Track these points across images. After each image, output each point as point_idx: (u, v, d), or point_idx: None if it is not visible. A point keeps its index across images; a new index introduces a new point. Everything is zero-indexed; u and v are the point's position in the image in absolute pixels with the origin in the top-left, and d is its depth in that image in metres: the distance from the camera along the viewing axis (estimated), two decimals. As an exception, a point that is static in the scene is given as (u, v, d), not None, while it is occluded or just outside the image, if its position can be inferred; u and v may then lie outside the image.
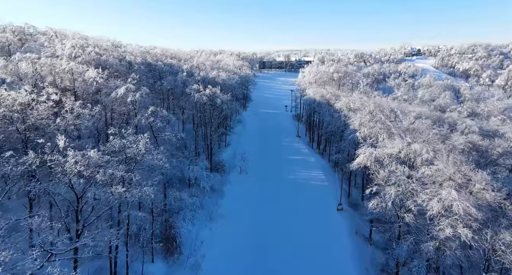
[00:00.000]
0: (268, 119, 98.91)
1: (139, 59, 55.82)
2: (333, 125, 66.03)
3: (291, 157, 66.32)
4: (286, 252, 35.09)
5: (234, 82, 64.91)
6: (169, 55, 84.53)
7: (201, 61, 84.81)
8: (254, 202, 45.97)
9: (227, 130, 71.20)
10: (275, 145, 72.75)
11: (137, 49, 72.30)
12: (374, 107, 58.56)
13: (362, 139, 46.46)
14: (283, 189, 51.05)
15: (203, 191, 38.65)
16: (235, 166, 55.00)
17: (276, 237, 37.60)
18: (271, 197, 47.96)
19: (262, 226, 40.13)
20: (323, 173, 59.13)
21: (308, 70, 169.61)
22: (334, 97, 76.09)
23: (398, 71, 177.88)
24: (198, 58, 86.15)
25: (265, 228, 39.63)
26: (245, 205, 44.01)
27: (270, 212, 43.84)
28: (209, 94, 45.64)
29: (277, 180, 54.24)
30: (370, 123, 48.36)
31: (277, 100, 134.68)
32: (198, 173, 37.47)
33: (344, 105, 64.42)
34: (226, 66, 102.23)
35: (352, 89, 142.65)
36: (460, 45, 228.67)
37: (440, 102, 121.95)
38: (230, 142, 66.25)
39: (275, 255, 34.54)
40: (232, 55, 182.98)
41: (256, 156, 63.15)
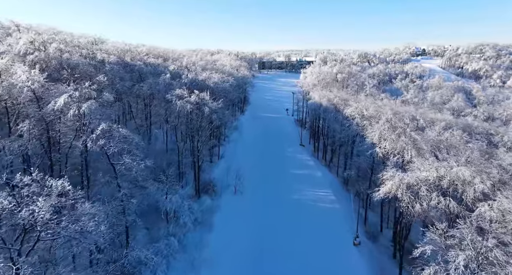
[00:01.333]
0: (268, 125, 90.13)
1: (112, 58, 46.89)
2: (342, 134, 57.36)
3: (294, 171, 57.56)
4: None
5: (228, 86, 56.24)
6: (156, 54, 75.62)
7: (193, 61, 76.30)
8: (249, 233, 37.17)
9: (221, 139, 62.54)
10: (276, 156, 63.99)
11: (117, 47, 63.32)
12: (392, 115, 49.91)
13: (384, 155, 37.70)
14: (285, 215, 42.27)
15: (184, 227, 30.00)
16: (228, 185, 46.26)
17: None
18: (270, 226, 39.18)
19: (260, 269, 31.45)
20: (332, 191, 50.36)
21: (310, 70, 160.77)
22: (343, 102, 67.40)
23: (405, 72, 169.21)
24: (189, 57, 77.52)
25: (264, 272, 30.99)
26: (238, 240, 35.20)
27: (270, 247, 35.10)
28: (196, 101, 36.95)
29: (278, 202, 45.44)
30: (393, 135, 39.59)
31: (277, 103, 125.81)
32: (177, 204, 28.89)
33: (356, 112, 55.69)
34: (222, 67, 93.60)
35: (357, 91, 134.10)
36: (467, 45, 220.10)
37: (453, 105, 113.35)
38: (224, 154, 57.54)
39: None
40: (230, 55, 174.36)
41: (254, 170, 54.42)
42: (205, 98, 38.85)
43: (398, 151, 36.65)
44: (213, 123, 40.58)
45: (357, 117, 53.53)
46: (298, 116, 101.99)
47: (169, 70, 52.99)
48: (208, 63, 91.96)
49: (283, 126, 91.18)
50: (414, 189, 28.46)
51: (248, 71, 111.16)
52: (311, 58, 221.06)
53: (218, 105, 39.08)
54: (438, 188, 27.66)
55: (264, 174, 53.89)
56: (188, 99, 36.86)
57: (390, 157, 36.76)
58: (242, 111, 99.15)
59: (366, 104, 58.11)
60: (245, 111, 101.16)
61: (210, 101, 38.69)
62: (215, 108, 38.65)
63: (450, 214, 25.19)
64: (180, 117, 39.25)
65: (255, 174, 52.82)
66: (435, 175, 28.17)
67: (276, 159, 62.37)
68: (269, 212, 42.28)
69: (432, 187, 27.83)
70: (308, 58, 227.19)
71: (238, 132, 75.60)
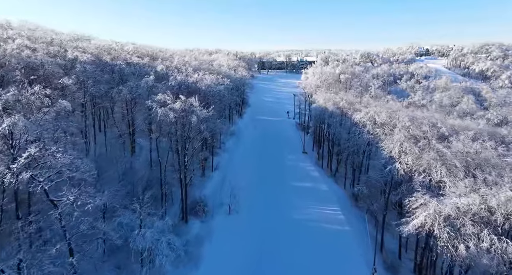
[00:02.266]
0: (268, 129, 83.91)
1: (86, 57, 40.32)
2: (351, 143, 51.16)
3: (297, 184, 51.37)
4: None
5: (222, 89, 49.94)
6: (144, 52, 69.14)
7: (185, 61, 69.99)
8: (245, 264, 31.03)
9: (216, 147, 56.35)
10: (277, 166, 57.79)
11: (100, 44, 56.83)
12: (409, 122, 43.77)
13: (406, 173, 31.49)
14: (287, 239, 36.14)
15: (160, 270, 23.74)
16: (222, 203, 40.10)
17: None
18: (270, 254, 33.06)
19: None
20: (340, 209, 44.16)
21: (311, 71, 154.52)
22: (349, 106, 61.29)
23: (410, 72, 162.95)
24: (182, 57, 70.89)
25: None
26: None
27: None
28: (182, 108, 30.68)
29: (279, 223, 39.24)
30: (415, 148, 33.39)
31: (277, 105, 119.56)
32: (153, 241, 22.64)
33: (367, 118, 49.55)
34: (218, 68, 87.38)
35: (361, 92, 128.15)
36: (472, 45, 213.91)
37: (463, 107, 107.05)
38: (218, 165, 51.32)
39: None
40: (228, 55, 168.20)
41: (252, 184, 48.31)
42: (194, 104, 32.65)
43: (424, 168, 30.44)
44: (203, 134, 34.36)
45: (368, 124, 47.36)
46: (300, 120, 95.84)
47: (156, 71, 46.83)
48: (203, 63, 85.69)
49: (284, 131, 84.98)
50: (454, 222, 22.26)
51: (246, 71, 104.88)
52: (312, 58, 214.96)
53: (208, 113, 32.82)
54: (487, 222, 21.46)
55: (263, 188, 47.72)
56: (172, 107, 30.68)
57: (414, 175, 30.60)
58: (240, 114, 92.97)
59: (378, 109, 51.96)
60: (243, 114, 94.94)
61: (199, 108, 32.44)
62: (205, 117, 32.43)
63: (511, 263, 18.99)
64: (163, 127, 33.10)
65: (253, 189, 46.70)
66: (481, 206, 21.95)
67: (277, 169, 56.16)
68: (268, 236, 36.10)
69: (478, 220, 21.64)
70: (309, 58, 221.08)
71: (235, 138, 69.36)
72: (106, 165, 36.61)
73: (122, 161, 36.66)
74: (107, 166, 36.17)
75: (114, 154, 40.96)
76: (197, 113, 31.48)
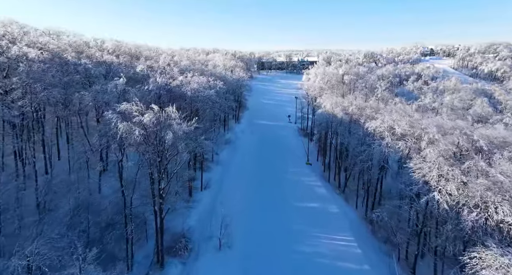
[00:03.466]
0: (268, 136, 76.34)
1: (33, 54, 32.14)
2: (365, 155, 43.53)
3: (301, 204, 43.80)
4: None
5: (213, 93, 41.98)
6: (125, 51, 61.13)
7: (175, 60, 62.20)
8: None
9: (207, 160, 48.72)
10: (277, 182, 50.18)
11: (68, 40, 48.82)
12: (438, 134, 36.17)
13: (451, 207, 23.83)
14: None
15: None
16: (211, 236, 32.44)
17: None
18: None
19: None
20: (354, 239, 36.52)
21: (313, 71, 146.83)
22: (361, 112, 53.73)
23: (416, 73, 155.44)
24: (169, 56, 62.86)
25: None
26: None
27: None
28: (153, 122, 22.88)
29: (280, 259, 31.67)
30: (456, 171, 25.73)
31: (278, 108, 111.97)
32: None
33: (383, 127, 41.92)
34: (213, 68, 79.73)
35: (366, 94, 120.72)
36: (479, 45, 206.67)
37: (477, 111, 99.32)
38: (209, 183, 43.66)
39: None
40: (226, 55, 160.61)
41: (248, 206, 40.80)
42: (172, 115, 24.97)
43: (476, 202, 22.80)
44: (183, 156, 26.56)
45: (387, 136, 39.68)
46: (302, 125, 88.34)
47: (135, 72, 39.22)
48: (196, 63, 77.91)
49: (285, 138, 77.41)
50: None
51: (244, 72, 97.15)
52: (314, 58, 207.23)
53: (189, 127, 25.12)
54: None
55: (261, 211, 40.09)
56: (139, 120, 23.01)
57: (463, 210, 22.97)
58: (237, 119, 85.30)
59: (395, 117, 44.31)
60: (240, 119, 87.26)
61: (179, 120, 24.62)
62: (185, 132, 24.67)
63: None
64: (127, 147, 25.50)
65: (249, 213, 39.11)
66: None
67: (278, 185, 48.54)
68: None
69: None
70: (310, 58, 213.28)
71: (231, 147, 61.66)
72: (63, 190, 29.08)
73: (83, 186, 29.07)
74: (63, 192, 28.65)
75: (80, 174, 33.37)
76: (174, 128, 23.80)
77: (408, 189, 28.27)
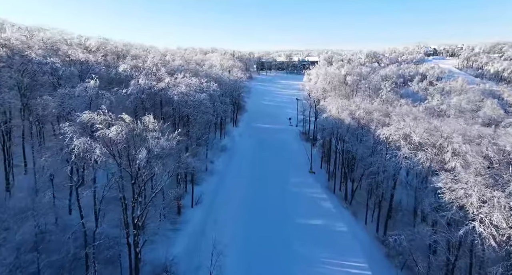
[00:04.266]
0: (267, 141, 71.43)
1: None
2: (376, 166, 38.62)
3: (304, 221, 38.91)
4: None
5: (204, 97, 36.61)
6: (110, 49, 55.81)
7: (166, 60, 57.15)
8: None
9: (199, 171, 43.75)
10: (278, 193, 45.34)
11: (41, 36, 43.43)
12: (466, 146, 31.29)
13: (499, 244, 18.91)
14: None
15: None
16: (199, 266, 27.52)
17: None
18: None
19: None
20: (368, 266, 31.70)
21: (315, 72, 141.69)
22: (369, 116, 48.90)
23: (420, 73, 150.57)
24: (159, 56, 57.70)
25: None
26: None
27: None
28: (123, 136, 17.88)
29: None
30: (496, 193, 20.80)
31: (278, 110, 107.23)
32: None
33: (398, 135, 36.98)
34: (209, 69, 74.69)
35: (370, 96, 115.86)
36: (483, 44, 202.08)
37: (487, 113, 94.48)
38: (201, 198, 38.70)
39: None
40: (225, 54, 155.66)
41: (245, 226, 35.88)
42: (150, 126, 19.98)
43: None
44: (161, 180, 21.46)
45: (404, 146, 34.73)
46: (304, 128, 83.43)
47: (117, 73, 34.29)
48: (191, 63, 72.78)
49: (286, 143, 72.51)
50: None
51: (243, 73, 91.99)
52: (314, 58, 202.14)
53: (170, 142, 20.08)
54: None
55: (259, 231, 35.17)
56: (102, 134, 18.02)
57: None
58: (235, 122, 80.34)
59: (410, 123, 39.34)
60: (238, 122, 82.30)
61: (155, 134, 19.69)
62: (165, 148, 19.70)
63: None
64: (86, 170, 20.58)
65: (245, 234, 34.22)
66: None
67: (278, 199, 43.64)
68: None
69: None
70: (311, 58, 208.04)
71: (227, 155, 56.71)
72: (21, 215, 24.12)
73: (49, 208, 24.21)
74: (21, 218, 23.73)
75: (49, 192, 28.39)
76: (150, 144, 18.84)
77: (437, 215, 23.30)
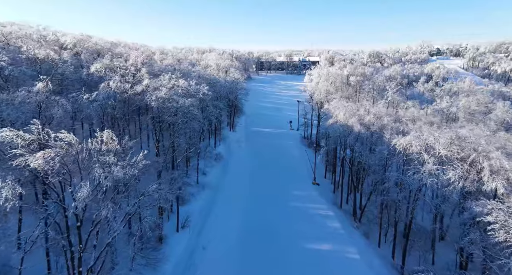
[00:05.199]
0: (266, 147, 65.98)
1: None
2: (392, 183, 33.09)
3: (309, 245, 33.43)
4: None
5: (190, 103, 30.36)
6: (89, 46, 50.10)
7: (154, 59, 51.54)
8: None
9: (188, 184, 38.23)
10: (278, 210, 39.90)
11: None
12: (505, 160, 25.87)
13: None
14: None
15: None
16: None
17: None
18: None
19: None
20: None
21: (316, 72, 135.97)
22: (378, 122, 43.42)
23: (426, 73, 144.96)
24: (143, 55, 51.76)
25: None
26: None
27: None
28: (50, 167, 12.13)
29: None
30: None
31: (278, 112, 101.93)
32: None
33: (419, 146, 31.44)
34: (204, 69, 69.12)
35: (374, 97, 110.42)
36: (488, 44, 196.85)
37: (499, 116, 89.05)
38: (189, 219, 33.15)
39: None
40: (223, 54, 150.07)
41: (241, 252, 30.32)
42: (101, 148, 14.21)
43: None
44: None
45: (427, 160, 29.22)
46: (306, 133, 77.80)
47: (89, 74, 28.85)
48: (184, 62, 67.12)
49: (286, 149, 67.01)
50: None
51: (240, 73, 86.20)
52: (315, 58, 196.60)
53: (130, 172, 14.27)
54: None
55: (257, 261, 29.66)
56: (22, 163, 12.46)
57: None
58: (232, 126, 74.79)
59: (434, 133, 33.81)
60: (235, 126, 76.73)
61: (110, 158, 14.05)
62: (122, 178, 13.91)
63: None
64: None
65: (240, 263, 28.69)
66: None
67: (279, 217, 38.16)
68: None
69: None
70: (312, 58, 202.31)
71: (221, 165, 51.16)
72: None
73: None
74: None
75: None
76: (97, 174, 13.39)
77: (490, 263, 17.80)
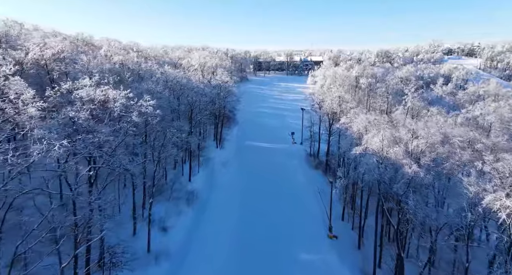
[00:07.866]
0: (263, 171, 50.34)
1: None
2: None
3: None
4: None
5: (108, 134, 14.77)
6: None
7: (106, 55, 36.47)
8: None
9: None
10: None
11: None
12: None
13: None
14: None
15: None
16: None
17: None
18: None
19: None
20: None
21: (321, 73, 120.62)
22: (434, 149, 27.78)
23: (442, 74, 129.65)
24: (72, 47, 36.90)
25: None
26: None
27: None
28: None
29: None
30: None
31: (277, 120, 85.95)
32: None
33: None
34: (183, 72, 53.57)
35: (389, 102, 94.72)
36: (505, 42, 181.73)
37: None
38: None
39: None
40: (217, 53, 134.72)
41: None
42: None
43: None
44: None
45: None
46: (312, 149, 61.96)
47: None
48: (152, 62, 51.61)
49: (289, 172, 51.32)
50: None
51: (230, 76, 69.74)
52: (318, 58, 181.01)
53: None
54: None
55: None
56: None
57: None
58: (220, 142, 58.88)
59: None
60: (224, 142, 60.79)
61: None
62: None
63: None
64: None
65: None
66: None
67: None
68: None
69: None
70: (314, 57, 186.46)
71: (193, 211, 35.08)
72: None
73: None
74: None
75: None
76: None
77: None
